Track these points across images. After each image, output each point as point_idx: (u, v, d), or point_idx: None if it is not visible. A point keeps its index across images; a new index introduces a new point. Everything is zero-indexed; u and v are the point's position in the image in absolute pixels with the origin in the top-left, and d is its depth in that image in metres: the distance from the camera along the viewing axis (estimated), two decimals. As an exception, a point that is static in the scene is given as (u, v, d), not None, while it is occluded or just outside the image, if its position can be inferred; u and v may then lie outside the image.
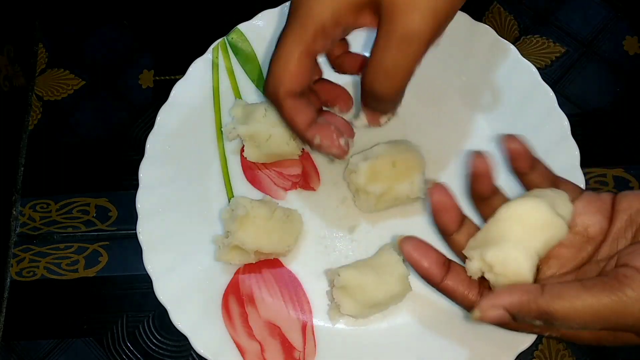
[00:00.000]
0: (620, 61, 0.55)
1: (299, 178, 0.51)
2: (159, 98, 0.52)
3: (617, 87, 0.54)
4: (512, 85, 0.51)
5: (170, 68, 0.56)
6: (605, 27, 0.56)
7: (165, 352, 0.48)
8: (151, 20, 0.59)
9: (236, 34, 0.53)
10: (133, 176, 0.49)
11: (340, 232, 0.49)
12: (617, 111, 0.54)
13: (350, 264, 0.46)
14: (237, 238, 0.45)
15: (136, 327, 0.49)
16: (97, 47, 0.58)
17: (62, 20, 0.59)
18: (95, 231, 0.52)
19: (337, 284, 0.44)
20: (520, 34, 0.57)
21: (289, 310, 0.47)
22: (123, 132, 0.55)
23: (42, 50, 0.58)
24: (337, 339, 0.46)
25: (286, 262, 0.48)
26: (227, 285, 0.48)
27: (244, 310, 0.47)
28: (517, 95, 0.51)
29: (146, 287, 0.48)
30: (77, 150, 0.54)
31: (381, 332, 0.46)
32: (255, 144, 0.48)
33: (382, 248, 0.47)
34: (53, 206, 0.53)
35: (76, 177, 0.54)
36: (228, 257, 0.46)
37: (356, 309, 0.44)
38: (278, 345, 0.46)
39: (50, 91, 0.57)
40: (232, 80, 0.53)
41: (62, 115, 0.56)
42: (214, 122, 0.52)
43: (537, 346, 0.47)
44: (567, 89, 0.54)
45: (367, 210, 0.48)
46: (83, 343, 0.49)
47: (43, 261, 0.51)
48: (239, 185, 0.51)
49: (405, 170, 0.46)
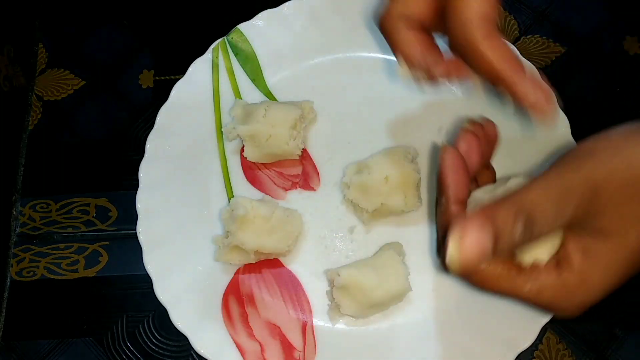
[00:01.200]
0: (620, 61, 0.55)
1: (299, 178, 0.51)
2: (159, 98, 0.52)
3: (617, 87, 0.54)
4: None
5: (170, 68, 0.56)
6: (605, 27, 0.56)
7: (165, 352, 0.48)
8: (151, 20, 0.59)
9: (236, 34, 0.53)
10: (133, 176, 0.49)
11: (340, 232, 0.49)
12: (617, 111, 0.54)
13: (350, 264, 0.46)
14: (237, 238, 0.45)
15: (136, 327, 0.49)
16: (97, 47, 0.58)
17: (62, 20, 0.59)
18: (95, 231, 0.52)
19: (337, 284, 0.44)
20: (520, 34, 0.57)
21: (289, 310, 0.47)
22: (123, 132, 0.55)
23: (42, 50, 0.58)
24: (337, 339, 0.46)
25: (286, 262, 0.48)
26: (227, 285, 0.48)
27: (244, 310, 0.47)
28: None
29: (146, 287, 0.48)
30: (77, 150, 0.54)
31: (381, 332, 0.46)
32: (255, 144, 0.48)
33: (382, 248, 0.47)
34: (53, 206, 0.53)
35: (76, 177, 0.54)
36: (228, 257, 0.46)
37: (356, 309, 0.44)
38: (278, 345, 0.46)
39: (50, 91, 0.57)
40: (232, 80, 0.53)
41: (62, 115, 0.56)
42: (214, 122, 0.52)
43: (537, 346, 0.47)
44: (567, 89, 0.54)
45: (364, 221, 0.48)
46: (83, 343, 0.49)
47: (43, 261, 0.51)
48: (239, 185, 0.51)
49: (398, 185, 0.46)
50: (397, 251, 0.46)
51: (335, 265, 0.47)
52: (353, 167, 0.48)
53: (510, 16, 0.57)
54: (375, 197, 0.46)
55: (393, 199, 0.46)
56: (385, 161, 0.47)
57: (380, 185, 0.46)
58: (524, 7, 0.57)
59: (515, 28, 0.57)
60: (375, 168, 0.47)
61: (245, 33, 0.53)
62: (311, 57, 0.53)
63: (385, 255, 0.46)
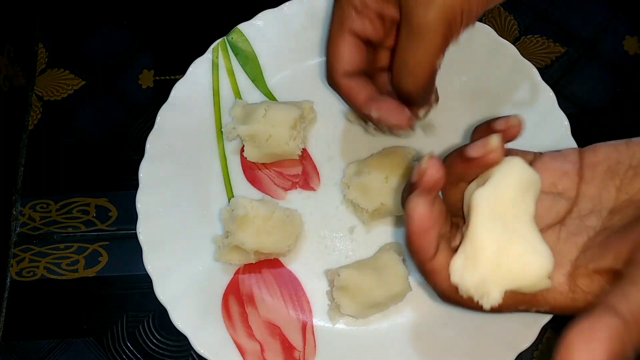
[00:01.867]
0: (620, 61, 0.55)
1: (299, 178, 0.51)
2: (159, 98, 0.52)
3: (617, 87, 0.54)
4: (512, 85, 0.51)
5: (170, 68, 0.56)
6: (605, 27, 0.56)
7: (165, 352, 0.48)
8: (151, 20, 0.59)
9: (236, 34, 0.53)
10: (133, 176, 0.49)
11: (340, 232, 0.49)
12: (617, 111, 0.54)
13: (350, 264, 0.46)
14: (237, 238, 0.45)
15: (136, 327, 0.49)
16: (97, 47, 0.58)
17: (62, 20, 0.59)
18: (95, 231, 0.52)
19: (337, 284, 0.44)
20: (520, 34, 0.57)
21: (289, 310, 0.47)
22: (123, 132, 0.55)
23: (42, 50, 0.58)
24: (337, 339, 0.46)
25: (286, 262, 0.48)
26: (227, 285, 0.48)
27: (244, 310, 0.47)
28: (517, 96, 0.51)
29: (146, 287, 0.48)
30: (77, 150, 0.54)
31: (381, 332, 0.46)
32: (255, 144, 0.48)
33: (382, 248, 0.47)
34: (53, 206, 0.53)
35: (76, 177, 0.54)
36: (228, 257, 0.46)
37: (356, 309, 0.44)
38: (278, 345, 0.46)
39: (50, 91, 0.57)
40: (232, 80, 0.53)
41: (62, 115, 0.56)
42: (214, 122, 0.52)
43: (537, 346, 0.47)
44: (567, 89, 0.54)
45: (365, 222, 0.48)
46: (83, 343, 0.49)
47: (43, 261, 0.51)
48: (239, 185, 0.51)
49: (398, 185, 0.46)
50: (397, 251, 0.46)
51: (335, 265, 0.47)
52: (353, 167, 0.48)
53: (510, 16, 0.57)
54: (375, 197, 0.46)
55: (393, 199, 0.46)
56: (385, 161, 0.47)
57: (380, 185, 0.46)
58: (524, 7, 0.57)
59: (515, 28, 0.57)
60: (375, 168, 0.47)
61: (245, 33, 0.53)
62: (311, 57, 0.53)
63: (385, 255, 0.46)
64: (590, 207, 0.34)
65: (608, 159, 0.34)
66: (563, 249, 0.34)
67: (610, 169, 0.34)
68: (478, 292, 0.31)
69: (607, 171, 0.34)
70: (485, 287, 0.31)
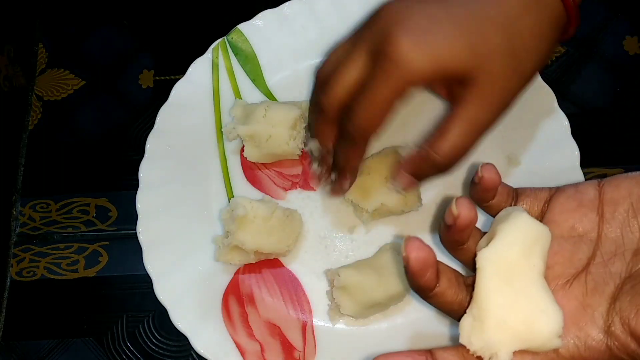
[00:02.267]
0: (620, 61, 0.55)
1: (299, 178, 0.51)
2: (159, 98, 0.52)
3: (617, 87, 0.54)
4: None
5: (170, 68, 0.56)
6: (605, 27, 0.56)
7: (165, 352, 0.48)
8: (151, 20, 0.59)
9: (236, 34, 0.53)
10: (133, 176, 0.49)
11: (340, 232, 0.49)
12: (617, 111, 0.54)
13: (350, 264, 0.46)
14: (236, 238, 0.45)
15: (136, 327, 0.49)
16: (97, 47, 0.58)
17: (62, 20, 0.59)
18: (95, 231, 0.52)
19: (337, 284, 0.44)
20: (520, 34, 0.56)
21: (289, 310, 0.47)
22: (123, 132, 0.55)
23: (42, 50, 0.58)
24: (337, 339, 0.46)
25: (286, 262, 0.48)
26: (227, 285, 0.48)
27: (244, 310, 0.47)
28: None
29: (146, 287, 0.48)
30: (77, 150, 0.54)
31: (381, 332, 0.46)
32: (255, 144, 0.48)
33: (382, 248, 0.47)
34: (53, 206, 0.53)
35: (76, 177, 0.54)
36: (228, 257, 0.46)
37: (356, 309, 0.44)
38: (278, 345, 0.46)
39: (50, 91, 0.57)
40: (232, 80, 0.53)
41: (62, 115, 0.56)
42: (214, 122, 0.52)
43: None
44: (567, 89, 0.54)
45: (365, 222, 0.48)
46: (83, 343, 0.49)
47: (43, 261, 0.51)
48: (239, 185, 0.51)
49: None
50: (397, 251, 0.46)
51: (335, 265, 0.47)
52: None
53: (510, 16, 0.57)
54: (375, 197, 0.46)
55: (393, 199, 0.46)
56: (385, 161, 0.47)
57: (380, 185, 0.46)
58: (524, 7, 0.57)
59: (515, 28, 0.57)
60: (375, 168, 0.47)
61: (245, 33, 0.53)
62: (311, 57, 0.53)
63: (385, 255, 0.46)
64: (613, 250, 0.32)
65: (630, 195, 0.32)
66: (593, 302, 0.32)
67: (634, 206, 0.32)
68: (486, 353, 0.31)
69: (629, 209, 0.32)
70: (493, 349, 0.31)
